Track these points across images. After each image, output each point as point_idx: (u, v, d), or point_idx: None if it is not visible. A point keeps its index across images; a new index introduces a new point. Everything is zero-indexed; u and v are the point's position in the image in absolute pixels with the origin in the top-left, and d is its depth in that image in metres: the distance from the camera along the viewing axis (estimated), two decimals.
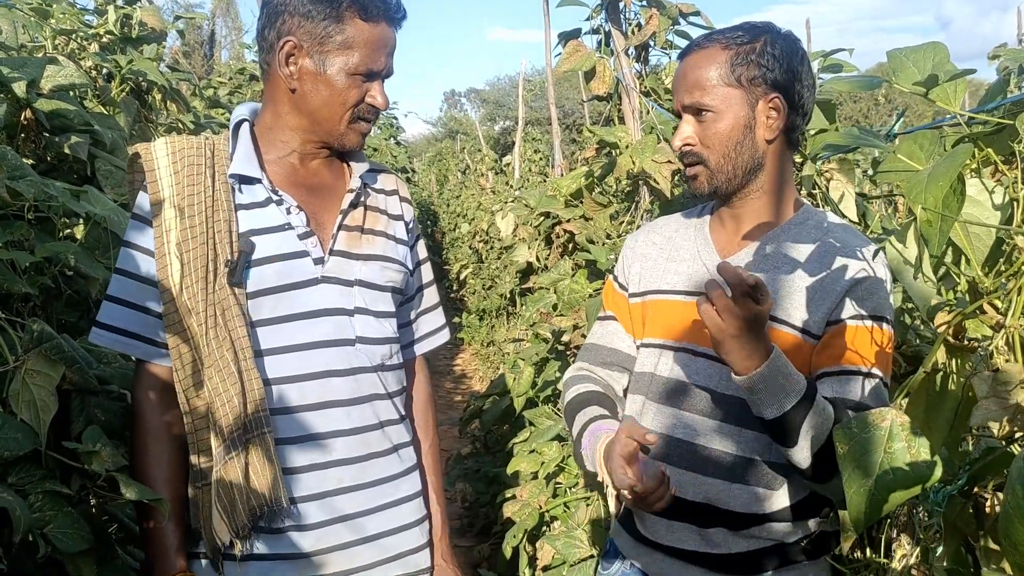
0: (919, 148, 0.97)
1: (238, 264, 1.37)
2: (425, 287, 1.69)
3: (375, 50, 1.41)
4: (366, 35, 1.39)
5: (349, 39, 1.39)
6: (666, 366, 1.48)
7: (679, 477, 1.42)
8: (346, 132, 1.45)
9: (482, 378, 7.40)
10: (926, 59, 1.01)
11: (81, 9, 2.53)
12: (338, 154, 1.53)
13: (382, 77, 1.45)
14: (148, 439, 1.39)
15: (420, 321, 1.69)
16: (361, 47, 1.39)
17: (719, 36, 1.41)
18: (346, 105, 1.42)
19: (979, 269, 1.00)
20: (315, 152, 1.49)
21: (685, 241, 1.54)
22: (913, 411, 1.12)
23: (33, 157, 1.96)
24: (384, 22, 1.42)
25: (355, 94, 1.42)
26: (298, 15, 1.38)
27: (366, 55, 1.40)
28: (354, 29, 1.39)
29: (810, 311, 1.36)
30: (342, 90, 1.41)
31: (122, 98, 2.38)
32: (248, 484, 1.33)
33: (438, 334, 1.72)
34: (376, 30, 1.41)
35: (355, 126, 1.45)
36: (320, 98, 1.41)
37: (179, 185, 1.39)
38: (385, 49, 1.43)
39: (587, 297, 2.58)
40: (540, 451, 2.78)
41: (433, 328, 1.71)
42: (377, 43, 1.41)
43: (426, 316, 1.70)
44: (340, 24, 1.38)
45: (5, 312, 1.37)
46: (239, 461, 1.33)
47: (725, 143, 1.39)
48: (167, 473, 1.38)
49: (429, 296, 1.70)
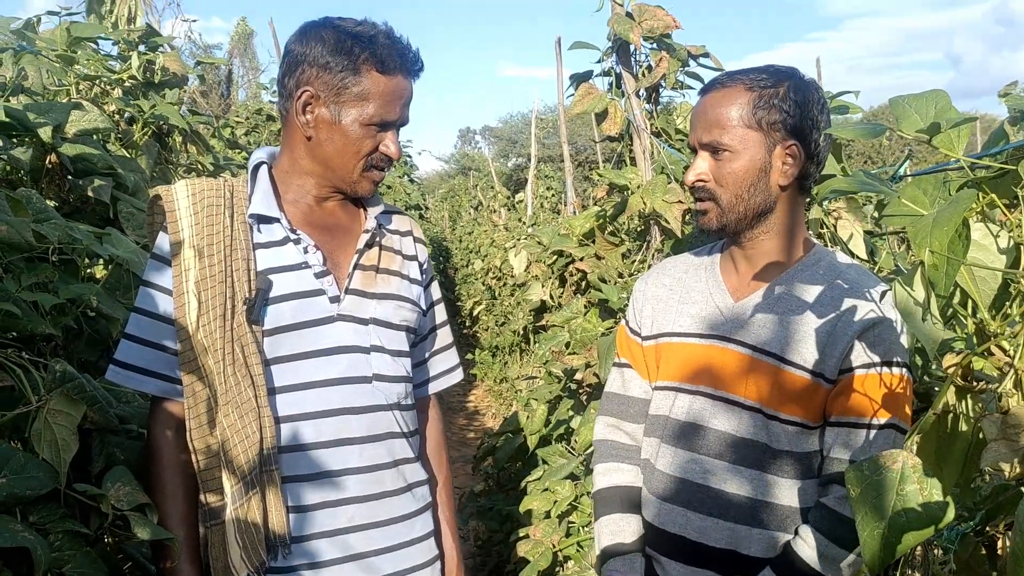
0: (923, 193, 0.99)
1: (256, 301, 1.39)
2: (439, 327, 1.71)
3: (390, 101, 1.44)
4: (382, 87, 1.43)
5: (365, 91, 1.42)
6: (681, 408, 1.49)
7: (699, 522, 1.42)
8: (359, 180, 1.48)
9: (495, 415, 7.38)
10: (928, 106, 1.03)
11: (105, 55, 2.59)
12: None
13: (397, 127, 1.48)
14: (164, 476, 1.41)
15: (433, 360, 1.71)
16: (376, 98, 1.42)
17: (742, 77, 1.41)
18: (359, 154, 1.45)
19: (986, 312, 1.01)
20: (330, 195, 1.52)
21: (696, 282, 1.55)
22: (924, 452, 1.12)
23: (57, 199, 2.01)
24: (400, 74, 1.45)
25: (369, 144, 1.45)
26: (317, 66, 1.42)
27: (381, 106, 1.43)
28: (370, 81, 1.42)
29: (823, 355, 1.37)
30: (356, 140, 1.44)
31: (144, 141, 2.43)
32: (266, 522, 1.35)
33: (452, 373, 1.74)
34: (392, 82, 1.44)
35: (368, 174, 1.48)
36: (334, 147, 1.45)
37: (199, 225, 1.42)
38: (400, 100, 1.46)
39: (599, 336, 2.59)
40: (553, 489, 2.77)
41: (447, 368, 1.73)
42: (392, 95, 1.44)
43: (440, 355, 1.72)
44: (357, 76, 1.41)
45: (28, 352, 1.40)
46: (257, 499, 1.35)
47: (739, 184, 1.40)
48: (183, 510, 1.40)
49: (443, 336, 1.72)
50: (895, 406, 1.34)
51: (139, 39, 2.65)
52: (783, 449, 1.40)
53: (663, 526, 1.48)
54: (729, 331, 1.46)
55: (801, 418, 1.39)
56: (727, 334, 1.46)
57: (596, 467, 1.64)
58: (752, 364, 1.42)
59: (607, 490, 1.59)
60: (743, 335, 1.44)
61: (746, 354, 1.42)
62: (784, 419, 1.39)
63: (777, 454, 1.40)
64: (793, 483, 1.40)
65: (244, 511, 1.34)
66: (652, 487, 1.52)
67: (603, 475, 1.61)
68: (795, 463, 1.40)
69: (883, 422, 1.33)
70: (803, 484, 1.40)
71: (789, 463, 1.40)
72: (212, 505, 1.38)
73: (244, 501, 1.34)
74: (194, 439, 1.38)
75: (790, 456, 1.40)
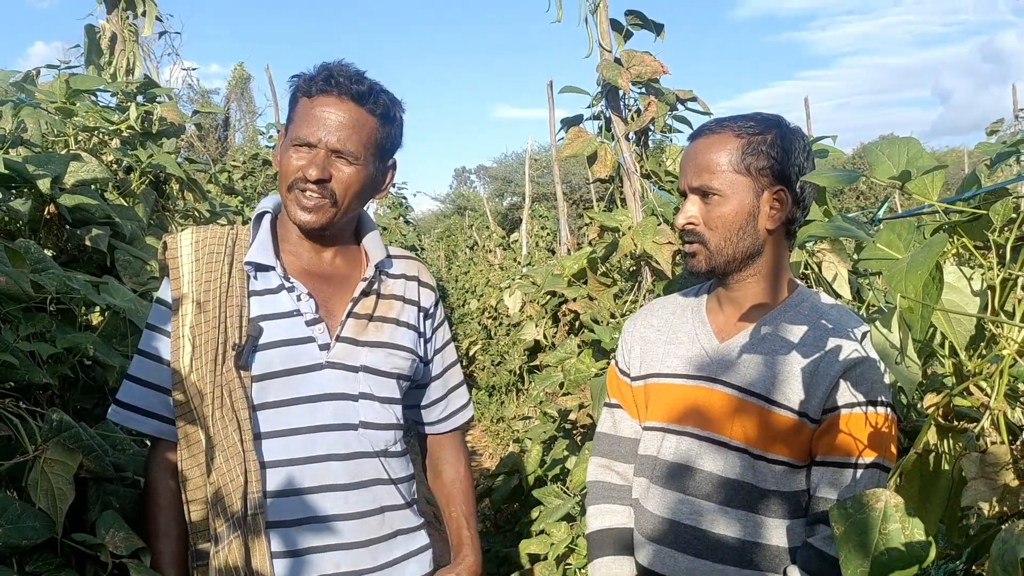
0: (897, 237, 1.02)
1: (244, 347, 1.42)
2: (451, 366, 1.73)
3: (308, 121, 1.46)
4: (303, 109, 1.47)
5: (292, 115, 1.50)
6: (668, 449, 1.50)
7: (688, 564, 1.43)
8: (288, 205, 1.49)
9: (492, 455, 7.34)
10: (901, 153, 1.06)
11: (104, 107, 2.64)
12: (355, 241, 1.59)
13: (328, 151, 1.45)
14: (160, 516, 1.43)
15: (451, 397, 1.73)
16: (297, 120, 1.48)
17: (731, 123, 1.46)
18: (286, 176, 1.48)
19: (963, 352, 1.03)
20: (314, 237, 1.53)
21: (683, 324, 1.58)
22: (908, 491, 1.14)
23: (55, 248, 2.03)
24: (324, 95, 1.46)
25: (292, 165, 1.46)
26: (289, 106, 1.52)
27: (299, 126, 1.46)
28: (298, 106, 1.49)
29: (807, 394, 1.39)
30: (283, 161, 1.49)
31: (142, 190, 2.47)
32: (248, 565, 1.36)
33: (466, 410, 1.77)
34: (312, 103, 1.46)
35: (291, 195, 1.47)
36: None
37: (198, 273, 1.47)
38: (321, 120, 1.45)
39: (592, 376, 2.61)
40: (549, 531, 2.77)
41: (462, 404, 1.76)
42: (310, 115, 1.46)
43: (456, 392, 1.74)
44: (293, 106, 1.50)
45: (25, 401, 1.41)
46: (239, 542, 1.36)
47: (728, 227, 1.44)
48: (176, 549, 1.41)
49: (456, 374, 1.75)
50: (879, 445, 1.36)
51: (137, 90, 2.70)
52: (771, 489, 1.41)
53: (652, 567, 1.49)
54: (715, 372, 1.48)
55: (788, 457, 1.41)
56: (713, 375, 1.48)
57: (589, 508, 1.65)
58: (739, 405, 1.44)
59: (600, 532, 1.61)
60: (729, 376, 1.46)
61: (733, 395, 1.45)
62: (771, 459, 1.41)
63: (765, 494, 1.41)
64: (782, 523, 1.41)
65: (226, 554, 1.35)
66: (641, 528, 1.53)
67: (596, 517, 1.62)
68: (784, 503, 1.41)
69: (868, 461, 1.34)
70: (792, 524, 1.41)
71: (777, 503, 1.41)
72: (199, 547, 1.40)
73: (227, 544, 1.36)
74: (188, 489, 1.40)
75: (778, 496, 1.41)
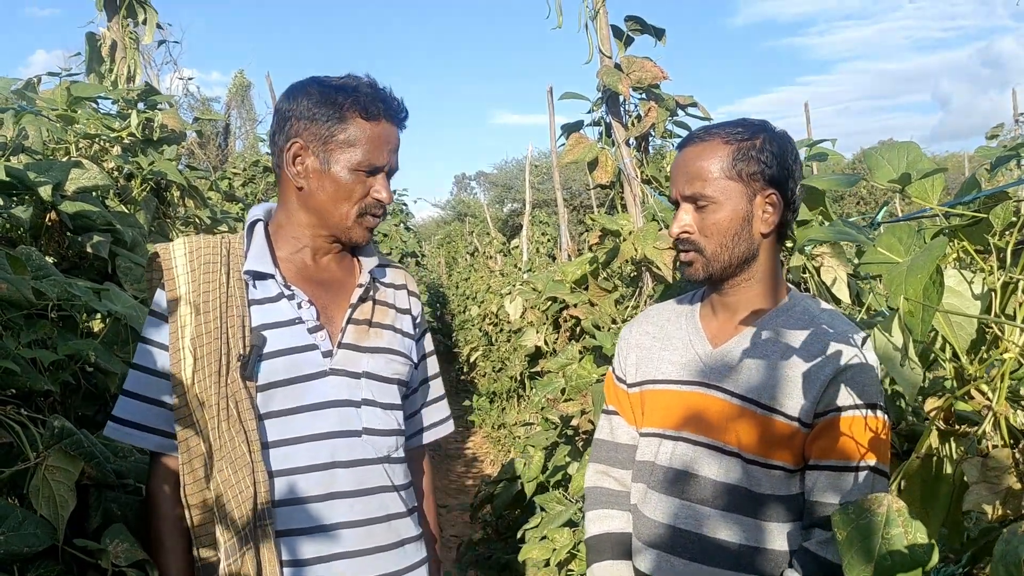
0: (898, 241, 1.02)
1: (250, 358, 1.41)
2: (431, 379, 1.73)
3: (377, 146, 1.47)
4: (368, 132, 1.46)
5: (351, 137, 1.46)
6: (665, 455, 1.51)
7: (684, 568, 1.43)
8: (353, 227, 1.50)
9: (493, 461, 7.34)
10: (900, 158, 1.07)
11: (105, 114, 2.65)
12: (350, 249, 1.59)
13: (386, 173, 1.51)
14: (164, 531, 1.41)
15: (426, 411, 1.73)
16: (363, 143, 1.46)
17: (719, 130, 1.47)
18: (351, 200, 1.48)
19: (964, 356, 1.03)
20: (327, 247, 1.54)
21: (677, 330, 1.58)
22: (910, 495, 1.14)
23: (56, 255, 2.04)
24: (384, 120, 1.48)
25: (359, 189, 1.48)
26: (304, 119, 1.46)
27: (368, 151, 1.46)
28: (356, 127, 1.46)
29: (799, 399, 1.39)
30: (346, 185, 1.47)
31: (143, 197, 2.47)
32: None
33: (443, 425, 1.76)
34: (377, 127, 1.47)
35: (361, 220, 1.51)
36: (326, 194, 1.48)
37: (195, 283, 1.45)
38: (387, 146, 1.49)
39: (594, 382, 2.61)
40: (551, 537, 2.76)
41: (439, 419, 1.75)
42: (378, 139, 1.47)
43: (433, 407, 1.74)
44: (343, 123, 1.46)
45: (27, 408, 1.41)
46: (251, 554, 1.35)
47: (723, 233, 1.44)
48: (181, 565, 1.40)
49: (435, 387, 1.74)
50: (873, 449, 1.35)
51: (138, 97, 2.71)
52: (768, 493, 1.41)
53: (652, 572, 1.48)
54: (710, 377, 1.48)
55: (783, 462, 1.41)
56: (708, 380, 1.48)
57: (587, 514, 1.65)
58: (734, 410, 1.44)
59: (599, 537, 1.60)
60: (724, 381, 1.46)
61: (727, 400, 1.45)
62: (767, 464, 1.41)
63: (763, 499, 1.41)
64: (782, 527, 1.41)
65: (238, 566, 1.34)
66: (640, 533, 1.53)
67: (594, 522, 1.62)
68: (782, 507, 1.41)
69: (862, 465, 1.34)
70: (792, 528, 1.41)
71: (776, 507, 1.41)
72: (206, 560, 1.38)
73: (239, 556, 1.34)
74: (188, 494, 1.38)
75: (777, 500, 1.41)
